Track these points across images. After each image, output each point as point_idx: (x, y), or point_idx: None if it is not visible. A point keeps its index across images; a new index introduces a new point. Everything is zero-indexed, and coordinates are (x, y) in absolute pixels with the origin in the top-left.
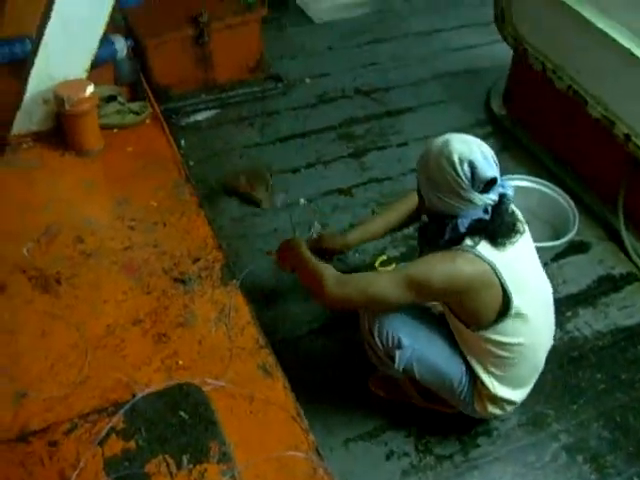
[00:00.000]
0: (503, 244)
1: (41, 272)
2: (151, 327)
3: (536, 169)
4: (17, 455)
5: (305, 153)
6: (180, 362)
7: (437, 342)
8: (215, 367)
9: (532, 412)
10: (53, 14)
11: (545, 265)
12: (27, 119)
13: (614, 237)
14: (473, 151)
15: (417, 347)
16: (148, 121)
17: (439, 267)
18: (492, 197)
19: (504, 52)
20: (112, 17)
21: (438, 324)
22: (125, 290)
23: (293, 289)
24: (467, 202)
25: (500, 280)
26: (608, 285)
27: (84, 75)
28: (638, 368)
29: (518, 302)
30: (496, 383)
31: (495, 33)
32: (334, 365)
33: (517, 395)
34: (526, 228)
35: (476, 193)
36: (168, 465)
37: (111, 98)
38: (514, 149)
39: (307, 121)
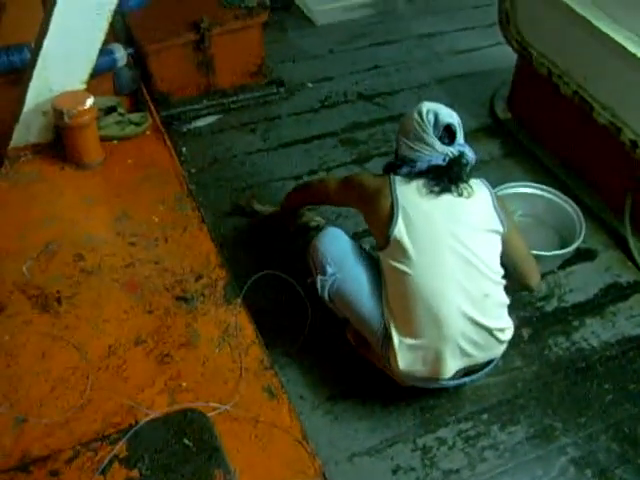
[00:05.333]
0: (432, 188)
1: (41, 291)
2: (154, 347)
3: (542, 175)
4: None
5: (308, 160)
6: (184, 384)
7: (361, 277)
8: (219, 390)
9: (539, 425)
10: (52, 25)
11: (552, 273)
12: (26, 131)
13: (621, 244)
14: (440, 107)
15: (340, 277)
16: (148, 132)
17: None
18: (451, 149)
19: (508, 54)
20: (112, 23)
21: (370, 263)
22: (126, 309)
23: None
24: (428, 147)
25: (392, 200)
26: (615, 294)
27: (83, 87)
28: None
29: (403, 233)
30: (395, 323)
31: (499, 35)
32: (339, 378)
33: (415, 342)
34: (476, 195)
35: (437, 140)
36: None
37: (111, 109)
38: (519, 155)
39: (310, 126)
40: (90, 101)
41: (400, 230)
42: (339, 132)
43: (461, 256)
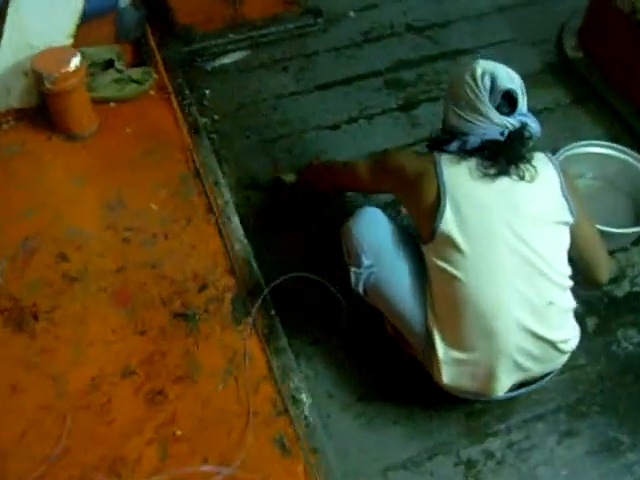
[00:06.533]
0: (486, 169)
1: (15, 302)
2: (144, 381)
3: (617, 128)
4: None
5: (347, 104)
6: (178, 432)
7: (403, 270)
8: (221, 441)
9: (603, 437)
10: None
11: (624, 250)
12: (5, 94)
13: None
14: (498, 68)
15: (377, 270)
16: (152, 92)
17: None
18: (511, 121)
19: None
20: None
21: (413, 253)
22: (115, 328)
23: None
24: (483, 117)
25: (439, 186)
26: None
27: (68, 41)
28: None
29: (452, 227)
30: (440, 331)
31: None
32: (374, 375)
33: (463, 357)
34: (541, 178)
35: (493, 109)
36: None
37: (108, 63)
38: (591, 102)
39: (350, 64)
40: (76, 61)
41: (448, 223)
42: (383, 72)
43: (522, 256)
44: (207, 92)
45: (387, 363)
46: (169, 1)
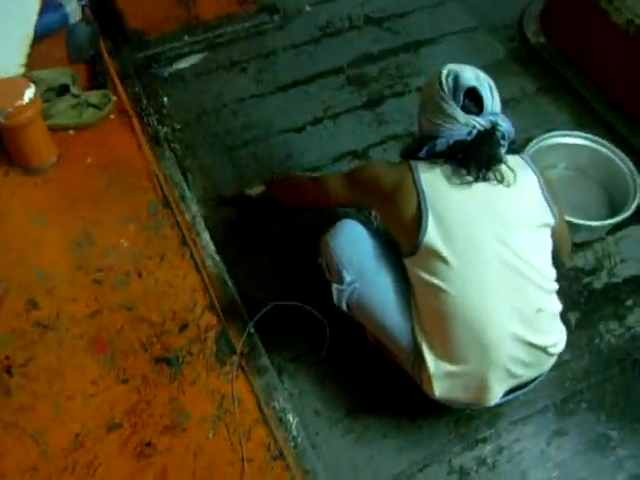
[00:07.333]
0: (463, 176)
1: None
2: (131, 434)
3: (585, 116)
4: None
5: (310, 105)
6: None
7: (386, 284)
8: None
9: (592, 434)
10: None
11: (600, 240)
12: None
13: None
14: (463, 68)
15: (359, 285)
16: (112, 116)
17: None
18: (480, 121)
19: None
20: None
21: (396, 264)
22: (95, 379)
23: None
24: (448, 118)
25: (419, 197)
26: None
27: (21, 70)
28: None
29: (436, 239)
30: (429, 344)
31: None
32: (360, 389)
33: (455, 369)
34: (520, 181)
35: (457, 108)
36: None
37: (63, 88)
38: (557, 90)
39: (310, 62)
40: (30, 92)
41: (431, 235)
42: (345, 68)
43: (509, 264)
44: (165, 100)
45: (372, 375)
46: (119, 6)
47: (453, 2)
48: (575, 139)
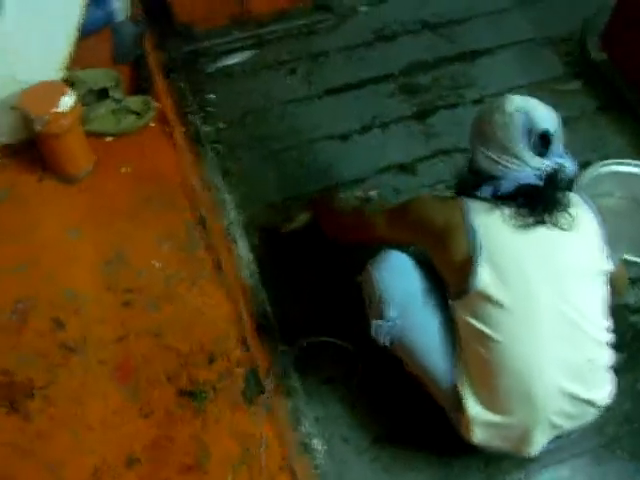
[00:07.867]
0: (524, 218)
1: (9, 377)
2: (150, 472)
3: None
4: None
5: (359, 111)
6: None
7: (430, 323)
8: None
9: None
10: None
11: None
12: None
13: None
14: (533, 103)
15: (401, 323)
16: (153, 124)
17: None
18: (546, 162)
19: None
20: None
21: (442, 302)
22: (117, 409)
23: None
24: (517, 160)
25: (471, 239)
26: None
27: (59, 75)
28: None
29: (489, 285)
30: (472, 390)
31: None
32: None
33: (498, 420)
34: (579, 224)
35: (529, 151)
36: None
37: (104, 91)
38: (617, 109)
39: (362, 66)
40: (69, 100)
41: (484, 281)
42: (397, 74)
43: (563, 316)
44: (212, 96)
45: (404, 404)
46: None
47: (516, 10)
48: (632, 168)
